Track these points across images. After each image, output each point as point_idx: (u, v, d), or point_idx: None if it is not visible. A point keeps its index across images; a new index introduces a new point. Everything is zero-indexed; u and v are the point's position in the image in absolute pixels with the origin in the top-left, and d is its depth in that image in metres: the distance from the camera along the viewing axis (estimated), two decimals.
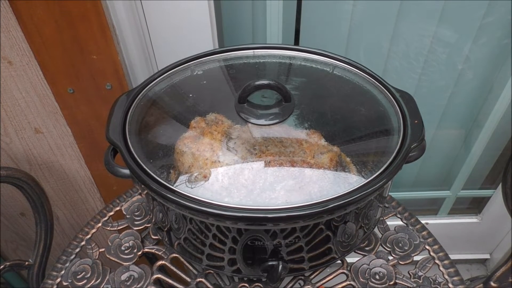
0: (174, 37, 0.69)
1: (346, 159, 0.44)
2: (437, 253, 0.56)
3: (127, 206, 0.62)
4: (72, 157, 0.83)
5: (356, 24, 0.75)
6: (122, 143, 0.45)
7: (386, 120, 0.48)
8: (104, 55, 0.65)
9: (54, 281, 0.55)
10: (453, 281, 0.54)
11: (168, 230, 0.49)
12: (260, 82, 0.46)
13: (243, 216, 0.39)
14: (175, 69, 0.54)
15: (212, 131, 0.45)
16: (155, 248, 0.57)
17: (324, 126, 0.47)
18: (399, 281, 0.53)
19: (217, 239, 0.45)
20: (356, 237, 0.49)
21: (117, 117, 0.48)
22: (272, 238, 0.43)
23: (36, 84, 0.70)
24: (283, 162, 0.42)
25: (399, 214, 0.61)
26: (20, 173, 0.63)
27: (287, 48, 0.57)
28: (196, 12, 0.65)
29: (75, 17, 0.60)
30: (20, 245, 1.01)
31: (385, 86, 0.51)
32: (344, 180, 0.42)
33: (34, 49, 0.64)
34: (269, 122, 0.46)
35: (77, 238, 0.60)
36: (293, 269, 0.49)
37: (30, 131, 0.77)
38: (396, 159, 0.43)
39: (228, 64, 0.56)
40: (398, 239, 0.57)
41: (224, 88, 0.54)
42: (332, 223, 0.43)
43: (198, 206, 0.39)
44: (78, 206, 0.94)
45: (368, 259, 0.55)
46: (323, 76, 0.54)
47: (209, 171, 0.42)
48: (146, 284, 0.53)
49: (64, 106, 0.73)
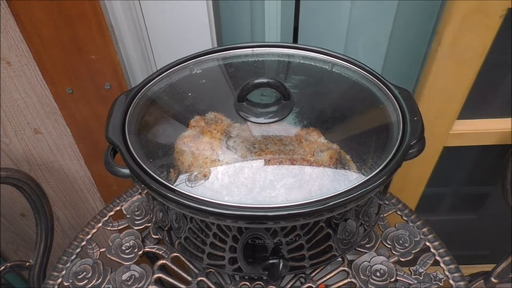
0: (173, 36, 0.69)
1: (346, 156, 0.44)
2: (438, 249, 0.56)
3: (127, 206, 0.63)
4: (71, 157, 0.82)
5: (354, 22, 0.75)
6: (122, 143, 0.45)
7: (385, 117, 0.48)
8: (103, 55, 0.65)
9: (55, 281, 0.55)
10: (454, 277, 0.54)
11: (168, 229, 0.49)
12: (259, 81, 0.45)
13: (244, 215, 0.39)
14: (174, 68, 0.54)
15: (212, 130, 0.45)
16: (155, 248, 0.57)
17: (324, 124, 0.47)
18: (400, 278, 0.53)
19: (217, 238, 0.45)
20: (356, 235, 0.49)
21: (117, 117, 0.48)
22: (272, 236, 0.43)
23: (35, 84, 0.70)
24: (283, 160, 0.42)
25: (400, 211, 0.61)
26: (20, 174, 0.63)
27: (286, 46, 0.56)
28: (195, 11, 0.65)
29: (74, 17, 0.60)
30: (21, 246, 1.01)
31: (384, 83, 0.51)
32: (344, 178, 0.42)
33: (32, 49, 0.64)
34: (268, 120, 0.46)
35: (77, 238, 0.60)
36: (294, 267, 0.49)
37: (30, 132, 0.77)
38: (395, 156, 0.43)
39: (227, 62, 0.56)
40: (399, 236, 0.58)
41: (223, 87, 0.54)
42: (332, 220, 0.43)
43: (198, 205, 0.39)
44: (78, 206, 0.94)
45: (368, 256, 0.55)
46: (322, 74, 0.54)
47: (209, 170, 0.42)
48: (147, 283, 0.53)
49: (63, 106, 0.72)
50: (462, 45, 0.66)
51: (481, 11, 0.62)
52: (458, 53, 0.61)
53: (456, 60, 0.67)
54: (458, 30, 0.64)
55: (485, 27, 0.64)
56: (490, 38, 0.66)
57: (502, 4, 0.61)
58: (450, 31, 0.64)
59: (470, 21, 0.63)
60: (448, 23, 0.64)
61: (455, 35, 0.65)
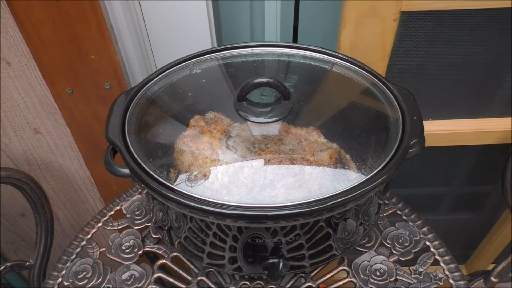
0: (172, 36, 0.69)
1: (346, 156, 0.44)
2: (438, 249, 0.57)
3: (127, 206, 0.63)
4: (71, 157, 0.83)
5: None
6: (122, 143, 0.45)
7: (385, 116, 0.48)
8: (103, 55, 0.65)
9: (55, 281, 0.55)
10: (454, 276, 0.54)
11: (168, 229, 0.49)
12: (259, 80, 0.45)
13: (243, 214, 0.39)
14: (173, 68, 0.54)
15: (212, 129, 0.45)
16: (155, 247, 0.57)
17: (323, 124, 0.47)
18: (400, 277, 0.53)
19: (217, 238, 0.45)
20: (356, 234, 0.49)
21: (116, 117, 0.48)
22: (272, 235, 0.43)
23: (34, 84, 0.70)
24: (283, 160, 0.42)
25: (400, 211, 0.61)
26: (20, 174, 0.63)
27: (286, 45, 0.56)
28: (194, 11, 0.65)
29: (73, 17, 0.60)
30: (21, 246, 1.01)
31: (383, 83, 0.51)
32: (344, 177, 0.42)
33: (32, 49, 0.64)
34: (268, 120, 0.46)
35: (77, 238, 0.60)
36: (294, 267, 0.49)
37: (29, 132, 0.77)
38: (395, 156, 0.43)
39: (226, 62, 0.56)
40: (399, 236, 0.58)
41: (223, 87, 0.54)
42: (332, 220, 0.43)
43: (198, 205, 0.39)
44: (78, 206, 0.94)
45: (368, 255, 0.55)
46: (322, 73, 0.54)
47: (209, 169, 0.42)
48: (147, 283, 0.53)
49: (63, 106, 0.72)
50: (361, 48, 0.65)
51: (374, 14, 0.61)
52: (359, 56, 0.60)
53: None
54: (354, 33, 0.63)
55: (380, 31, 0.62)
56: (388, 41, 0.64)
57: (393, 7, 0.59)
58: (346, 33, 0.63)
59: (364, 25, 0.62)
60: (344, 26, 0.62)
61: (352, 38, 0.64)
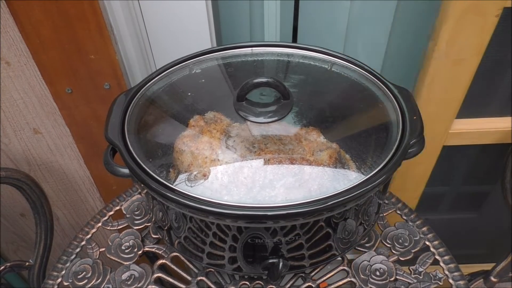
0: (172, 36, 0.68)
1: (346, 156, 0.44)
2: (437, 248, 0.57)
3: (127, 206, 0.62)
4: (71, 157, 0.82)
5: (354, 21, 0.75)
6: (121, 143, 0.45)
7: (385, 116, 0.48)
8: (102, 55, 0.65)
9: (55, 281, 0.55)
10: (454, 276, 0.54)
11: (168, 229, 0.49)
12: (258, 80, 0.45)
13: (243, 214, 0.39)
14: (173, 68, 0.54)
15: (211, 129, 0.45)
16: (155, 247, 0.57)
17: (323, 123, 0.47)
18: (400, 277, 0.53)
19: (217, 238, 0.45)
20: (356, 234, 0.49)
21: (116, 117, 0.48)
22: (272, 235, 0.43)
23: (34, 84, 0.69)
24: (283, 160, 0.42)
25: (399, 211, 0.61)
26: (20, 174, 0.63)
27: (285, 45, 0.56)
28: (194, 11, 0.65)
29: (73, 17, 0.60)
30: (21, 246, 1.01)
31: (383, 83, 0.51)
32: (343, 177, 0.42)
33: (31, 49, 0.64)
34: (268, 120, 0.46)
35: (77, 238, 0.60)
36: (294, 267, 0.49)
37: (29, 132, 0.77)
38: (395, 155, 0.43)
39: (226, 62, 0.56)
40: (398, 235, 0.58)
41: (222, 87, 0.54)
42: (332, 220, 0.43)
43: (198, 205, 0.39)
44: (78, 206, 0.94)
45: (368, 255, 0.55)
46: (321, 73, 0.54)
47: (209, 169, 0.42)
48: (147, 283, 0.53)
49: (63, 106, 0.72)
50: (459, 44, 0.66)
51: (477, 11, 0.62)
52: (455, 52, 0.61)
53: (453, 60, 0.67)
54: (453, 29, 0.64)
55: (480, 27, 0.63)
56: (486, 37, 0.66)
57: (497, 3, 0.60)
58: (446, 30, 0.64)
59: (466, 21, 0.63)
60: (444, 22, 0.64)
61: (451, 34, 0.65)
